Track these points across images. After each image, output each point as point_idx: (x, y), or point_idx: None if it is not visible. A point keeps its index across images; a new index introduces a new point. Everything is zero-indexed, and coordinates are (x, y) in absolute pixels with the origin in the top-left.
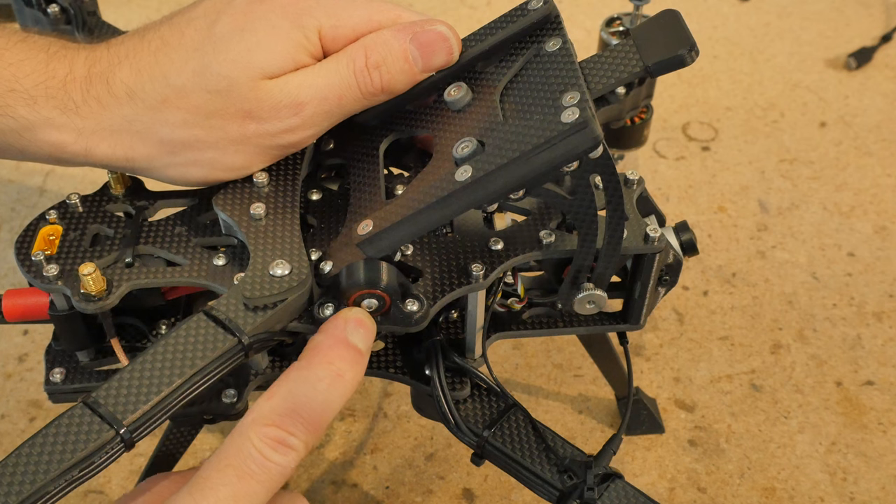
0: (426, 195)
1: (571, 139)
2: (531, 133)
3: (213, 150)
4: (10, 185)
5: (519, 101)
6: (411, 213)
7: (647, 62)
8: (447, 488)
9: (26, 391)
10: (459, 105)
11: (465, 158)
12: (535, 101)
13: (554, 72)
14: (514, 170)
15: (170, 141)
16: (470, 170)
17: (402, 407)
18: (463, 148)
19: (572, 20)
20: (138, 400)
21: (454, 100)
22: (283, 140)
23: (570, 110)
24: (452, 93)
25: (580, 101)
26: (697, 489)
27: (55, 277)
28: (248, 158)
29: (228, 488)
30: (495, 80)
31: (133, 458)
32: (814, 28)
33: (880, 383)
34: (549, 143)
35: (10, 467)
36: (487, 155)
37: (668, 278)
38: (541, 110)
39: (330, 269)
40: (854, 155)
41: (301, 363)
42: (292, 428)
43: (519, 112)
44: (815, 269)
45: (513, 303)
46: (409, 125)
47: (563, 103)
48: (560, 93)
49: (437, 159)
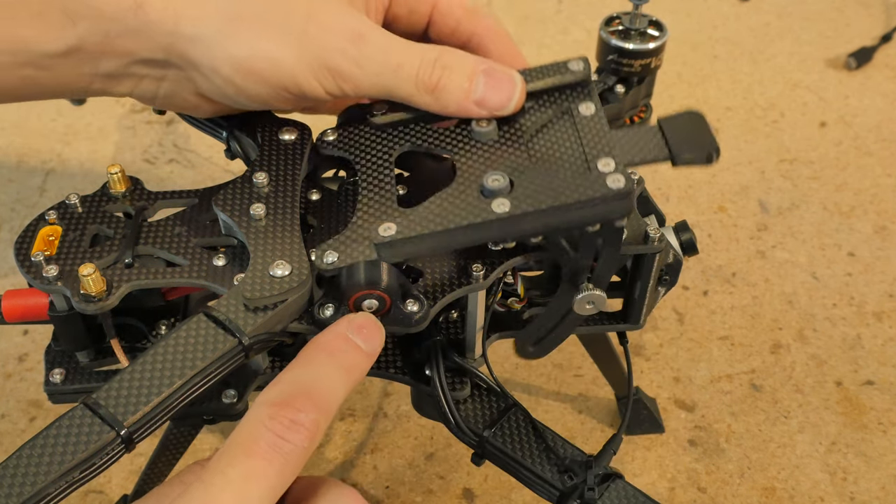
0: (456, 216)
1: (612, 204)
2: (571, 187)
3: (266, 32)
4: (10, 185)
5: (548, 152)
6: (441, 230)
7: (675, 152)
8: (447, 488)
9: (26, 391)
10: (486, 138)
11: (496, 191)
12: (567, 157)
13: (588, 135)
14: (549, 216)
15: (231, 8)
16: (508, 204)
17: (402, 407)
18: (493, 181)
19: (572, 20)
20: (139, 401)
21: (482, 131)
22: (331, 59)
23: (615, 177)
24: (482, 124)
25: (622, 170)
26: (697, 489)
27: (55, 278)
28: (292, 60)
29: (238, 469)
30: (523, 123)
31: (133, 458)
32: (814, 28)
33: (880, 383)
34: (591, 201)
35: (11, 469)
36: (522, 195)
37: (668, 278)
38: (575, 168)
39: (334, 261)
40: (854, 155)
41: (303, 356)
42: (301, 405)
43: (549, 162)
44: (815, 269)
45: (513, 303)
46: (430, 141)
47: (598, 167)
48: (594, 157)
49: (462, 184)
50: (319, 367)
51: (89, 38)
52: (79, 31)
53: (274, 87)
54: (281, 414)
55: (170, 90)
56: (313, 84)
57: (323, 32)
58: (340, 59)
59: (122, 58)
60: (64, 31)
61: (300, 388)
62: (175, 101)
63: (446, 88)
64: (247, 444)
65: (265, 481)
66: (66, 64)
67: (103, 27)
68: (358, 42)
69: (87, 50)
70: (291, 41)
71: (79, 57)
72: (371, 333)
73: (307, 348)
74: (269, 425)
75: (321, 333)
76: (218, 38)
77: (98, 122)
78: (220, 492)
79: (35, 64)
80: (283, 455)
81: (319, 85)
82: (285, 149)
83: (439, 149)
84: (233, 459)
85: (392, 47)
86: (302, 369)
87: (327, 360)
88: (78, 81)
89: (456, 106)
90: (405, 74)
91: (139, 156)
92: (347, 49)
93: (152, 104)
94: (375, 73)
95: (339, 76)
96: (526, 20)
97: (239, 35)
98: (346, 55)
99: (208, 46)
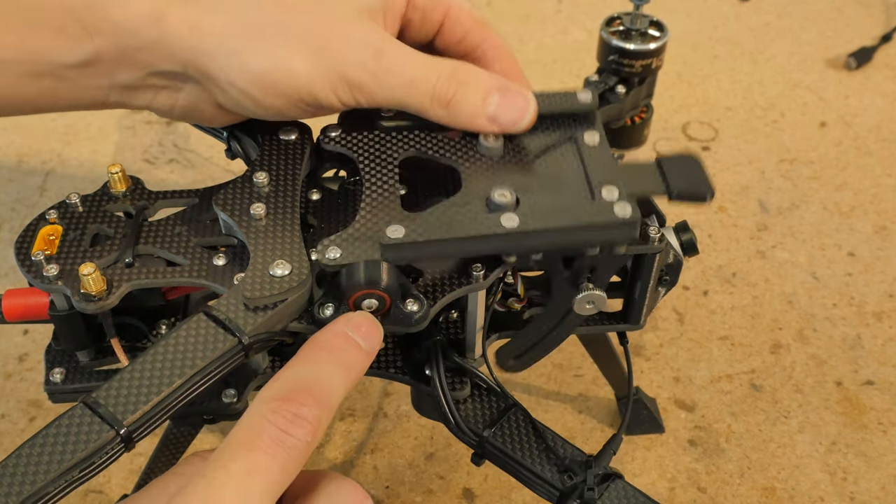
0: (465, 227)
1: (618, 231)
2: (578, 210)
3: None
4: (10, 185)
5: (554, 174)
6: (449, 238)
7: (673, 189)
8: (447, 488)
9: (26, 391)
10: (492, 154)
11: (501, 207)
12: (571, 180)
13: (592, 163)
14: (556, 235)
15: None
16: (516, 220)
17: (402, 407)
18: (501, 195)
19: (572, 20)
20: (138, 400)
21: (489, 147)
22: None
23: (622, 205)
24: (490, 140)
25: (629, 199)
26: (697, 489)
27: (55, 277)
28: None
29: (240, 463)
30: (528, 144)
31: (133, 457)
32: (814, 28)
33: (880, 383)
34: (598, 226)
35: (11, 468)
36: (529, 212)
37: (669, 278)
38: (577, 192)
39: (336, 257)
40: (854, 155)
41: (303, 353)
42: (303, 400)
43: (554, 184)
44: (815, 269)
45: (513, 303)
46: (436, 150)
47: (603, 194)
48: (599, 184)
49: (467, 195)
50: (319, 364)
51: (106, 50)
52: (96, 43)
53: (291, 98)
54: (284, 408)
55: (187, 102)
56: (330, 96)
57: (344, 46)
58: (360, 73)
59: (140, 70)
60: (82, 44)
61: (301, 384)
62: (193, 113)
63: (461, 103)
64: (249, 439)
65: (267, 476)
66: (83, 75)
67: (121, 40)
68: (379, 56)
69: (104, 61)
70: (313, 54)
71: (96, 68)
72: (370, 332)
73: (306, 346)
74: (271, 419)
75: (320, 332)
76: (238, 51)
77: (98, 122)
78: (222, 486)
79: (54, 75)
80: (286, 449)
81: (336, 97)
82: (286, 148)
83: (444, 158)
84: (235, 454)
85: (409, 61)
86: (302, 366)
87: (327, 357)
88: (96, 93)
89: (468, 121)
90: (422, 88)
91: (139, 156)
92: (368, 63)
93: (170, 117)
94: (391, 87)
95: (358, 89)
96: (526, 20)
97: (260, 49)
98: (366, 69)
99: (228, 60)
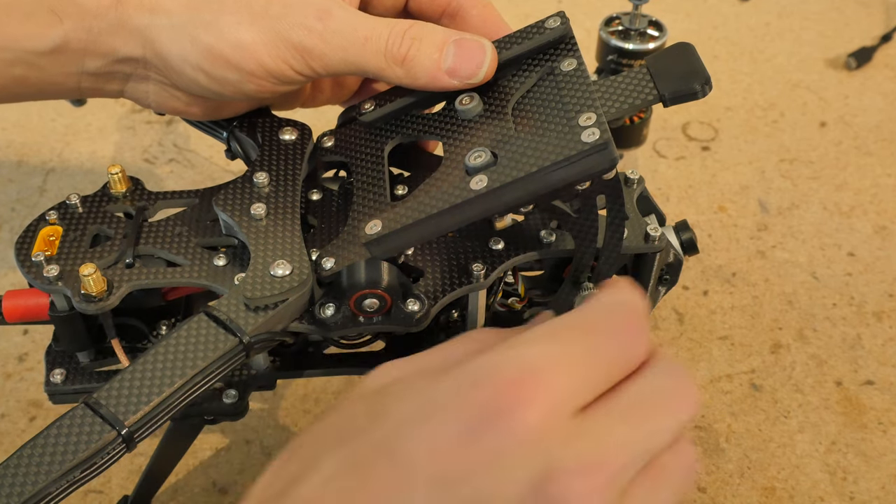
0: (439, 201)
1: (590, 159)
2: (548, 149)
3: (230, 15)
4: (10, 185)
5: (532, 117)
6: (423, 217)
7: (663, 91)
8: None
9: (26, 391)
10: (470, 115)
11: (478, 168)
12: (549, 118)
13: (569, 91)
14: (529, 183)
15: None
16: (486, 179)
17: None
18: (476, 157)
19: (572, 19)
20: (139, 401)
21: (466, 108)
22: (296, 36)
23: (590, 131)
24: (465, 101)
25: (599, 123)
26: (697, 489)
27: (55, 278)
28: (256, 41)
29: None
30: (507, 93)
31: (133, 457)
32: (814, 28)
33: (880, 383)
34: (568, 160)
35: (12, 468)
36: (503, 167)
37: (669, 277)
38: (556, 128)
39: (331, 266)
40: (854, 155)
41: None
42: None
43: (532, 127)
44: (815, 268)
45: (513, 303)
46: (417, 130)
47: (579, 123)
48: (576, 113)
49: (448, 167)
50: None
51: (74, 36)
52: (65, 28)
53: (242, 71)
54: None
55: (156, 91)
56: (280, 65)
57: (286, 9)
58: (305, 36)
59: (105, 56)
60: (51, 29)
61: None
62: (166, 103)
63: (416, 59)
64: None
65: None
66: (53, 62)
67: (87, 24)
68: (323, 18)
69: (72, 48)
70: (254, 22)
71: (65, 55)
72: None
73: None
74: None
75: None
76: (185, 25)
77: (98, 122)
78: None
79: (25, 62)
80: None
81: (287, 65)
82: (286, 149)
83: (428, 135)
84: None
85: (359, 21)
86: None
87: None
88: (66, 80)
89: (427, 77)
90: (374, 47)
91: (139, 156)
92: (313, 25)
93: (147, 106)
94: (343, 48)
95: (306, 53)
96: (526, 19)
97: (205, 21)
98: (312, 31)
99: (178, 35)
